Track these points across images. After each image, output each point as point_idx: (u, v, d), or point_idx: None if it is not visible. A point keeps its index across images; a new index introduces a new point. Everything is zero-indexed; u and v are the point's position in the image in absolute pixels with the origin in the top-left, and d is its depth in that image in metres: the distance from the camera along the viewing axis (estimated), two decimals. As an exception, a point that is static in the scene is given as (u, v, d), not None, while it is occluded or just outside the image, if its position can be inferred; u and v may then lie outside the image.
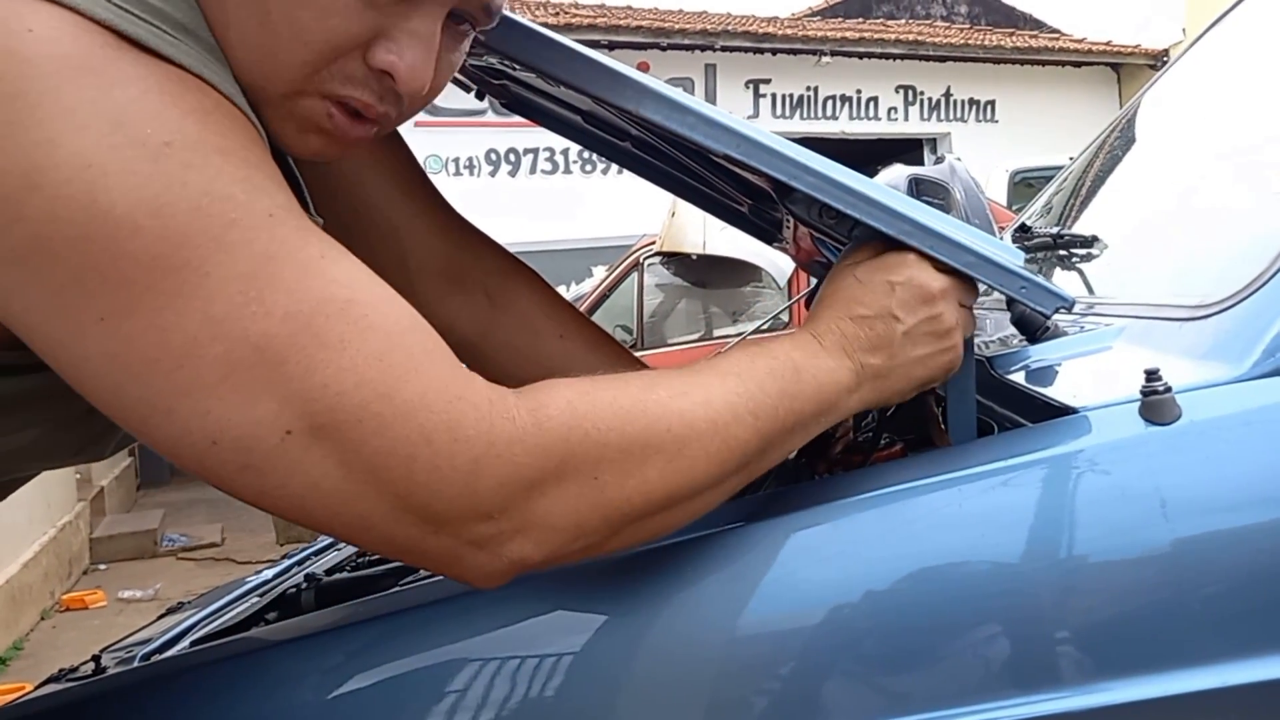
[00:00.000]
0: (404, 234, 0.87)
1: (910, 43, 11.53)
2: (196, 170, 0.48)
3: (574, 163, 10.21)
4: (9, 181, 0.46)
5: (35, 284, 0.48)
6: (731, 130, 0.67)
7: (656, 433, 0.56)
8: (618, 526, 0.57)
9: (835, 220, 0.71)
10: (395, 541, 0.53)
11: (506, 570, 0.55)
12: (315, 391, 0.49)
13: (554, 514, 0.54)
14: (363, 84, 0.59)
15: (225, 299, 0.48)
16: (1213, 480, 0.61)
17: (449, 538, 0.53)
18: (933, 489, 0.64)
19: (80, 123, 0.46)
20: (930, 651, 0.60)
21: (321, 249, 0.52)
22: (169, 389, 0.48)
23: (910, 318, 0.65)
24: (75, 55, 0.47)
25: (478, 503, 0.52)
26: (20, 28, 0.47)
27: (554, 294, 0.95)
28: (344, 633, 0.69)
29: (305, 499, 0.51)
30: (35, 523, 4.57)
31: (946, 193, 3.41)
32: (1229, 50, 1.22)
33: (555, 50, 0.70)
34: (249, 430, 0.49)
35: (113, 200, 0.46)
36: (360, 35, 0.57)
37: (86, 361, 0.49)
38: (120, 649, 1.09)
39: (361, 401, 0.49)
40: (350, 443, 0.50)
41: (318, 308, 0.50)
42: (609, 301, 5.35)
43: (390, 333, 0.51)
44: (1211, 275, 0.75)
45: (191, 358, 0.48)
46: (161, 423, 0.50)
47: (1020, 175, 7.43)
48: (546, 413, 0.54)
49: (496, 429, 0.52)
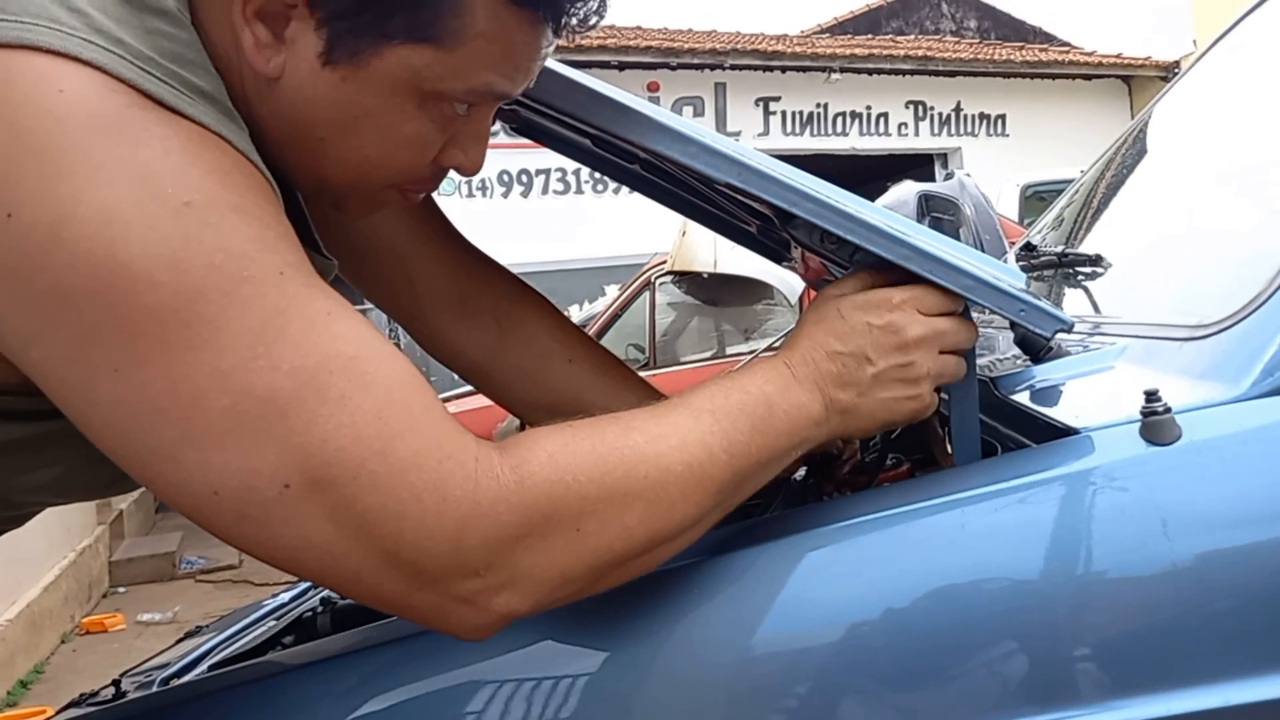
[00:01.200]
0: (414, 262, 0.90)
1: (919, 58, 11.56)
2: (213, 228, 0.50)
3: (585, 183, 10.26)
4: (36, 232, 0.48)
5: (54, 331, 0.50)
6: (732, 159, 0.68)
7: (634, 480, 0.58)
8: (601, 572, 0.58)
9: (837, 245, 0.72)
10: (383, 596, 0.55)
11: (494, 624, 0.57)
12: (315, 446, 0.51)
13: (539, 567, 0.56)
14: (431, 178, 0.66)
15: (234, 353, 0.50)
16: (1212, 500, 0.61)
17: (436, 594, 0.55)
18: (937, 510, 0.65)
19: (106, 179, 0.49)
20: (935, 671, 0.60)
21: (328, 306, 0.54)
22: (176, 438, 0.50)
23: (883, 361, 0.65)
24: (103, 114, 0.50)
25: (464, 560, 0.54)
26: (52, 88, 0.49)
27: (562, 318, 0.96)
28: (359, 657, 0.70)
29: (299, 551, 0.53)
30: (55, 546, 4.61)
31: (956, 208, 3.42)
32: (1237, 63, 1.23)
33: (558, 83, 0.72)
34: (249, 481, 0.51)
35: (132, 254, 0.48)
36: (436, 151, 0.64)
37: (98, 408, 0.51)
38: (140, 673, 1.11)
39: (359, 458, 0.51)
40: (345, 499, 0.51)
41: (322, 363, 0.51)
42: (621, 321, 5.36)
43: (389, 389, 0.53)
44: (1212, 295, 0.76)
45: (199, 409, 0.50)
46: (166, 470, 0.51)
47: (1032, 189, 7.42)
48: (528, 468, 0.55)
49: (482, 488, 0.54)
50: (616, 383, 0.93)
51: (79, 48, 0.50)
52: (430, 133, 0.62)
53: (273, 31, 0.57)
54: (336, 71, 0.58)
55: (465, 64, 0.59)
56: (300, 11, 0.57)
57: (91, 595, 5.17)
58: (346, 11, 0.56)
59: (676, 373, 4.88)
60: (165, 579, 5.54)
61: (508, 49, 0.60)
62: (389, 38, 0.57)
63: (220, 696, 0.78)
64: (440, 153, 0.64)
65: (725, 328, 5.43)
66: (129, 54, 0.52)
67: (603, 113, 0.72)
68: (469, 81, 0.60)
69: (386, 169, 0.63)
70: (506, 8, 0.58)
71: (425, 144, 0.63)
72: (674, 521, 0.59)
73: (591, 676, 0.63)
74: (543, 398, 0.93)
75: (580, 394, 0.92)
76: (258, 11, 0.57)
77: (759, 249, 1.22)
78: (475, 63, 0.59)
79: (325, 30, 0.57)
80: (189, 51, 0.55)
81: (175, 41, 0.55)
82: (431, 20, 0.57)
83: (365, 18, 0.57)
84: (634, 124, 0.70)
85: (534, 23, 0.60)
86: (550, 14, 0.60)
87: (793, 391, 0.65)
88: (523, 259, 8.07)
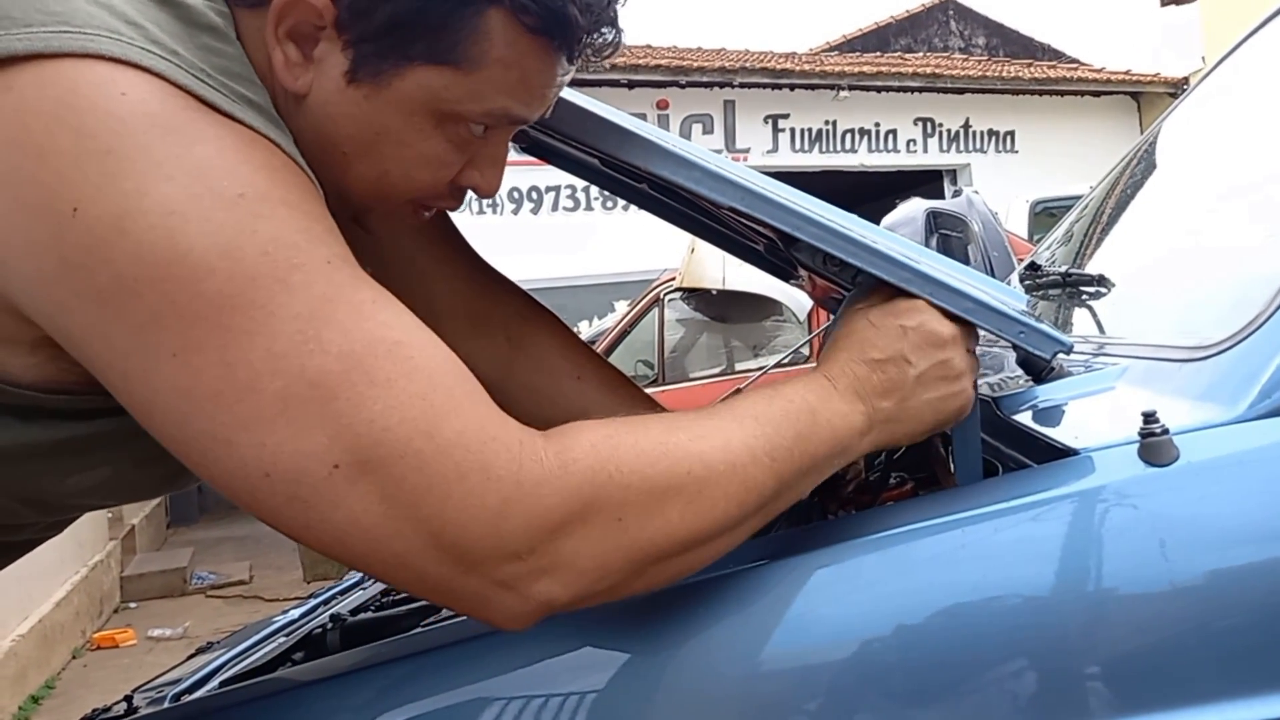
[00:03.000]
0: (432, 278, 0.92)
1: (928, 75, 11.59)
2: (265, 219, 0.53)
3: (594, 200, 10.30)
4: (102, 226, 0.51)
5: (117, 321, 0.52)
6: (736, 184, 0.69)
7: (677, 475, 0.58)
8: (641, 567, 0.58)
9: (839, 267, 0.73)
10: (427, 580, 0.56)
11: (534, 611, 0.57)
12: (362, 427, 0.52)
13: (579, 554, 0.56)
14: (449, 196, 0.68)
15: (286, 337, 0.52)
16: (1210, 520, 0.62)
17: (478, 578, 0.55)
18: (940, 530, 0.65)
19: (166, 174, 0.51)
20: (934, 689, 0.61)
21: (373, 294, 0.56)
22: (231, 421, 0.52)
23: (923, 362, 0.66)
24: (162, 115, 0.52)
25: (506, 542, 0.54)
26: (115, 91, 0.52)
27: (572, 336, 0.98)
28: (369, 673, 0.71)
29: (347, 533, 0.54)
30: (67, 562, 4.63)
31: (965, 225, 3.42)
32: (1244, 80, 1.23)
33: (566, 110, 0.73)
34: (300, 463, 0.52)
35: (191, 244, 0.51)
36: (454, 172, 0.66)
37: (157, 395, 0.53)
38: (151, 689, 1.12)
39: (405, 437, 0.53)
40: (392, 478, 0.53)
41: (369, 347, 0.53)
42: (630, 337, 5.37)
43: (433, 374, 0.55)
44: (1212, 316, 0.77)
45: (253, 391, 0.52)
46: (221, 455, 0.53)
47: (1041, 205, 7.41)
48: (571, 455, 0.56)
49: (525, 470, 0.55)
50: (624, 400, 0.94)
51: (139, 55, 0.53)
52: (448, 153, 0.65)
53: (302, 51, 0.61)
54: (360, 90, 0.61)
55: (483, 87, 0.62)
56: (328, 33, 0.60)
57: (103, 610, 5.18)
58: (372, 34, 0.59)
59: (685, 389, 4.89)
60: (176, 594, 5.56)
61: (524, 75, 0.63)
62: (410, 59, 0.60)
63: (231, 712, 0.79)
64: (459, 174, 0.67)
65: (734, 344, 5.44)
66: (183, 63, 0.55)
67: (609, 138, 0.73)
68: (486, 104, 0.63)
69: (405, 186, 0.66)
70: (523, 35, 0.61)
71: (443, 163, 0.65)
72: (715, 520, 0.60)
73: (600, 693, 0.64)
74: (551, 414, 0.94)
75: (588, 411, 0.93)
76: (289, 32, 0.60)
77: (766, 266, 1.24)
78: (492, 87, 0.62)
79: (351, 51, 0.60)
80: (236, 65, 0.58)
81: (223, 56, 0.58)
82: (452, 45, 0.60)
83: (389, 40, 0.59)
84: (639, 149, 0.72)
85: (549, 51, 0.62)
86: (564, 43, 0.62)
87: (834, 402, 0.65)
88: (533, 275, 8.06)
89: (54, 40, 0.52)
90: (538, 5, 0.59)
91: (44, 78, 0.51)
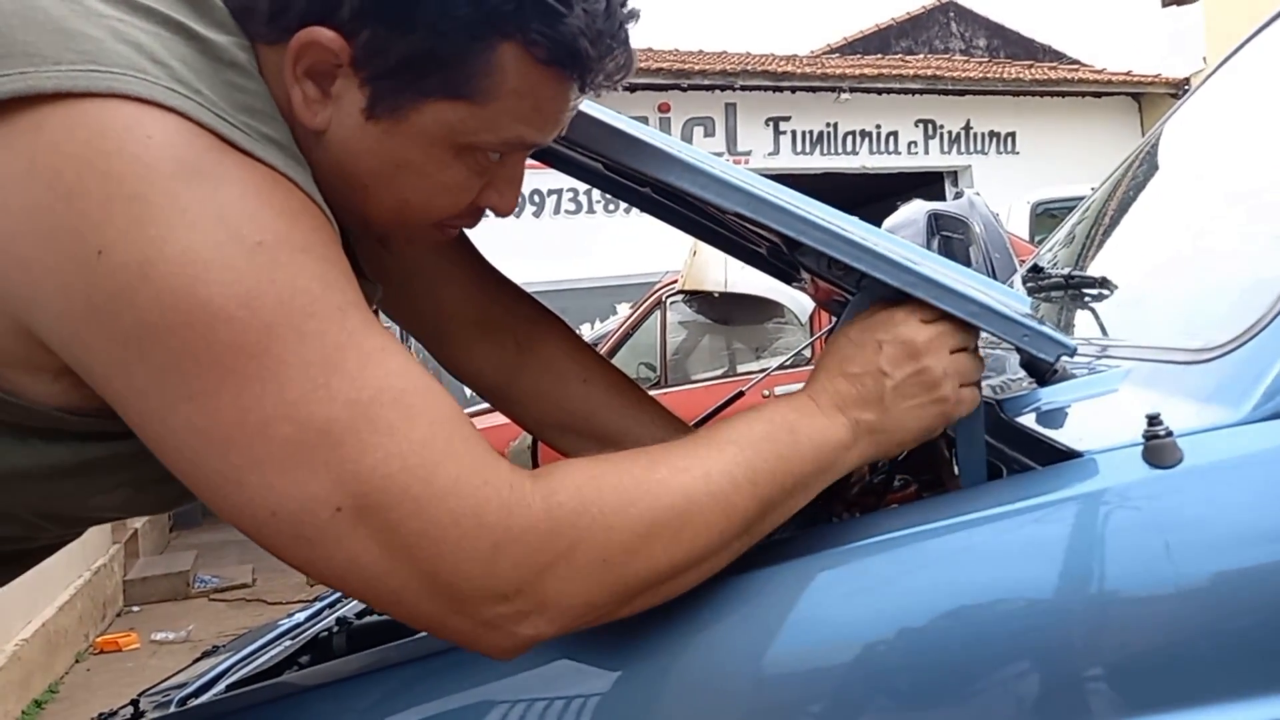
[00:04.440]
0: (442, 286, 0.93)
1: (929, 77, 11.59)
2: (283, 267, 0.54)
3: (597, 203, 10.31)
4: (127, 272, 0.52)
5: (138, 363, 0.53)
6: (741, 189, 0.69)
7: (659, 511, 0.60)
8: (627, 599, 0.61)
9: (844, 272, 0.73)
10: (420, 617, 0.58)
11: (520, 646, 0.59)
12: (365, 473, 0.54)
13: (565, 594, 0.58)
14: (469, 215, 0.70)
15: (298, 384, 0.54)
16: (1214, 522, 0.62)
17: (468, 617, 0.57)
18: (944, 532, 0.66)
19: (189, 221, 0.52)
20: (938, 691, 0.61)
21: (382, 342, 0.57)
22: (242, 463, 0.54)
23: (898, 372, 0.68)
24: (187, 159, 0.54)
25: (495, 583, 0.56)
26: (142, 134, 0.53)
27: (579, 341, 0.99)
28: (375, 677, 0.71)
29: (347, 571, 0.56)
30: (71, 566, 4.63)
31: (966, 227, 3.41)
32: (1245, 81, 1.23)
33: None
34: (305, 505, 0.54)
35: (211, 293, 0.52)
36: (473, 195, 0.67)
37: (173, 434, 0.55)
38: (157, 693, 1.12)
39: (404, 485, 0.54)
40: (390, 522, 0.55)
41: (375, 396, 0.55)
42: (633, 339, 5.37)
43: (433, 421, 0.57)
44: (1215, 318, 0.77)
45: (264, 436, 0.53)
46: (231, 493, 0.55)
47: (1042, 206, 7.40)
48: (557, 499, 0.58)
49: (515, 515, 0.56)
50: (630, 403, 0.95)
51: (164, 95, 0.54)
52: (467, 179, 0.66)
53: (320, 88, 0.62)
54: (379, 125, 0.62)
55: (498, 118, 0.63)
56: (345, 70, 0.61)
57: (106, 614, 5.19)
58: (387, 71, 0.61)
59: (688, 391, 4.89)
60: (179, 598, 5.56)
61: (537, 104, 0.64)
62: (426, 95, 0.61)
63: (237, 716, 0.80)
64: (477, 195, 0.68)
65: (736, 346, 5.44)
66: (206, 102, 0.56)
67: (613, 144, 0.74)
68: (501, 134, 0.64)
69: (426, 212, 0.68)
70: (535, 66, 0.61)
71: (462, 190, 0.67)
72: (698, 550, 0.62)
73: (605, 696, 0.64)
74: (558, 418, 0.95)
75: (595, 414, 0.94)
76: (307, 70, 0.61)
77: (769, 269, 1.24)
78: (507, 117, 0.63)
79: (368, 88, 0.61)
80: (258, 101, 0.59)
81: (246, 93, 0.59)
82: (465, 79, 0.61)
83: (405, 76, 0.61)
84: (643, 155, 0.72)
85: (562, 80, 0.63)
86: (577, 72, 0.63)
87: (815, 418, 0.67)
88: (535, 278, 8.05)
89: (82, 79, 0.53)
90: (547, 38, 0.60)
91: (73, 119, 0.52)
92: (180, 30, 0.58)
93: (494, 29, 0.60)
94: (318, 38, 0.60)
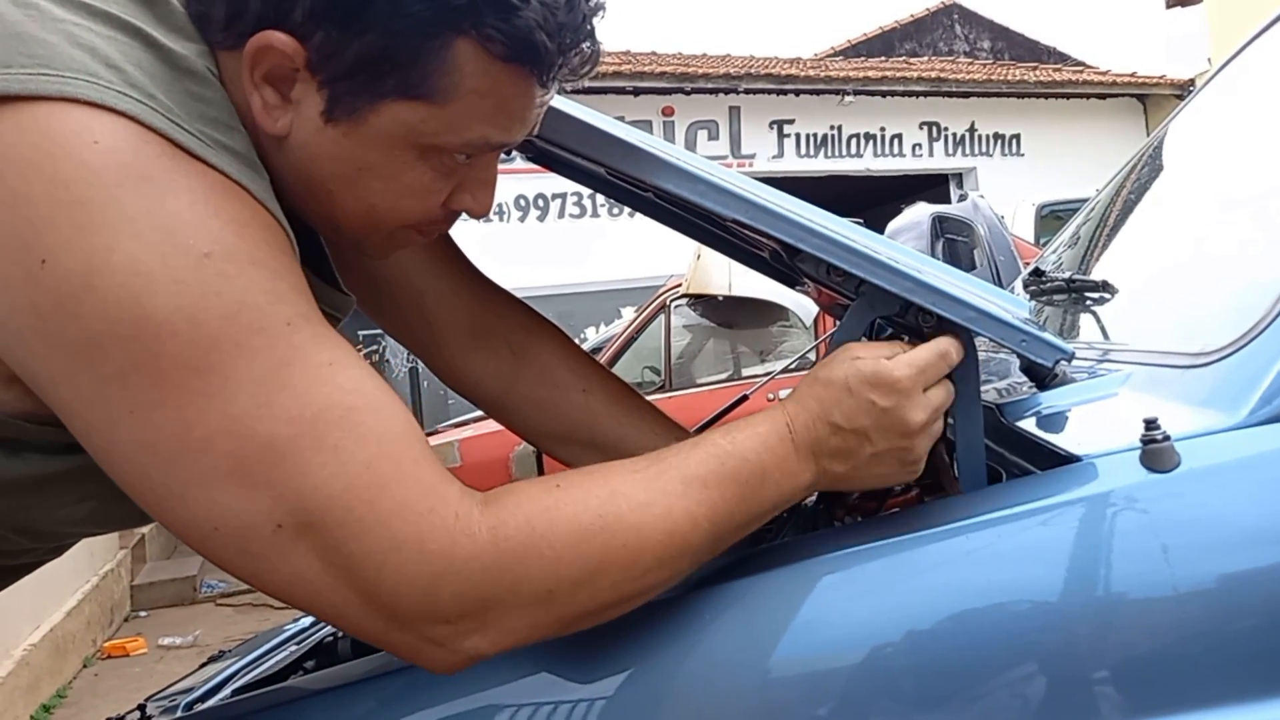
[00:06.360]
0: (430, 295, 0.92)
1: (933, 80, 11.58)
2: (229, 280, 0.54)
3: (600, 206, 10.32)
4: (71, 281, 0.51)
5: (83, 374, 0.53)
6: (740, 197, 0.70)
7: (611, 549, 0.59)
8: (569, 625, 0.61)
9: (843, 278, 0.74)
10: (364, 631, 0.58)
11: (461, 663, 0.60)
12: (307, 491, 0.54)
13: (506, 620, 0.58)
14: (443, 220, 0.69)
15: (241, 400, 0.53)
16: (1211, 525, 0.62)
17: (409, 634, 0.58)
18: (944, 536, 0.66)
19: (135, 231, 0.52)
20: (939, 695, 0.61)
21: (331, 356, 0.56)
22: (185, 477, 0.54)
23: (884, 444, 0.66)
24: (135, 165, 0.53)
25: (436, 609, 0.57)
26: (88, 140, 0.52)
27: (576, 349, 0.98)
28: (380, 681, 0.72)
29: (290, 586, 0.56)
30: (78, 571, 4.65)
31: (970, 230, 3.42)
32: (1249, 83, 1.23)
33: (569, 124, 0.74)
34: (246, 520, 0.54)
35: (156, 305, 0.52)
36: (443, 198, 0.67)
37: (117, 446, 0.54)
38: (164, 698, 1.13)
39: (346, 505, 0.54)
40: (332, 542, 0.54)
41: (320, 414, 0.54)
42: (637, 343, 5.37)
43: (382, 440, 0.56)
44: (1213, 322, 0.77)
45: (207, 452, 0.53)
46: (175, 506, 0.55)
47: (1048, 208, 7.39)
48: (505, 531, 0.57)
49: (458, 545, 0.56)
50: (629, 411, 0.94)
51: (114, 99, 0.53)
52: (433, 181, 0.65)
53: (280, 93, 0.61)
54: (338, 128, 0.62)
55: (459, 118, 0.62)
56: (303, 74, 0.60)
57: (113, 619, 5.20)
58: (343, 72, 0.60)
59: (692, 395, 4.88)
60: (186, 603, 5.57)
61: (500, 102, 0.63)
62: (383, 95, 0.61)
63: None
64: (449, 197, 0.67)
65: (740, 350, 5.43)
66: (159, 107, 0.55)
67: (613, 152, 0.74)
68: (464, 135, 0.63)
69: (394, 216, 0.66)
70: (493, 63, 0.60)
71: (429, 192, 0.66)
72: (646, 585, 0.62)
73: (608, 700, 0.65)
74: (557, 427, 0.94)
75: (594, 423, 0.93)
76: (265, 75, 0.60)
77: (772, 273, 1.24)
78: (469, 117, 0.62)
79: (326, 91, 0.61)
80: (216, 110, 0.59)
81: (204, 101, 0.58)
82: (422, 79, 0.60)
83: (361, 78, 0.60)
84: (642, 163, 0.72)
85: (523, 76, 0.62)
86: (537, 68, 0.62)
87: (789, 462, 0.66)
88: (539, 282, 8.06)
89: (30, 83, 0.52)
90: (503, 33, 0.59)
91: (20, 122, 0.51)
92: (138, 36, 0.57)
93: (448, 25, 0.58)
94: (272, 41, 0.59)
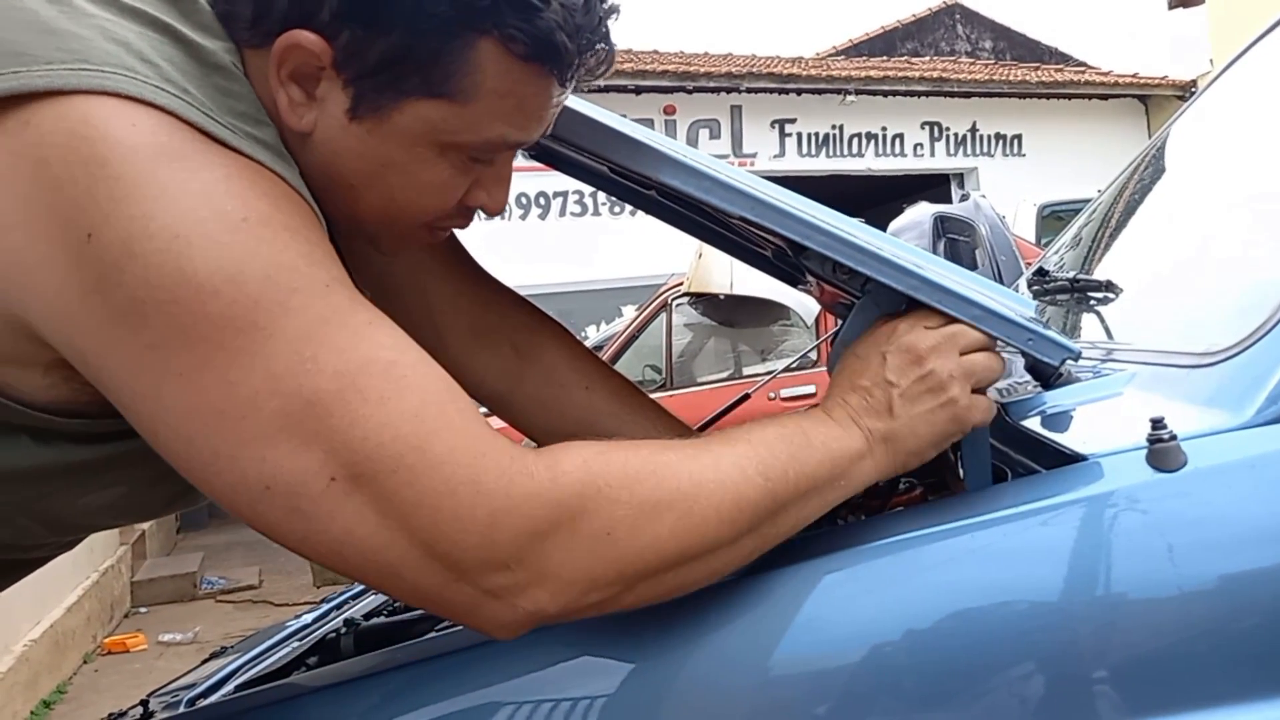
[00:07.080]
0: (434, 294, 0.92)
1: (935, 79, 11.58)
2: (267, 243, 0.55)
3: (602, 205, 10.32)
4: (113, 250, 0.52)
5: (128, 341, 0.54)
6: (746, 194, 0.70)
7: (666, 490, 0.60)
8: (631, 581, 0.60)
9: (848, 276, 0.74)
10: (420, 589, 0.58)
11: (523, 621, 0.58)
12: (356, 443, 0.54)
13: (567, 566, 0.57)
14: (458, 216, 0.70)
15: (285, 357, 0.54)
16: (1217, 525, 0.62)
17: (469, 586, 0.57)
18: (949, 535, 0.66)
19: (171, 199, 0.53)
20: (943, 693, 0.61)
21: (369, 316, 0.58)
22: (234, 438, 0.54)
23: (903, 380, 0.68)
24: (169, 145, 0.54)
25: (495, 553, 0.56)
26: (126, 123, 0.54)
27: (580, 347, 0.98)
28: (383, 678, 0.72)
29: (343, 544, 0.56)
30: (78, 567, 4.65)
31: (972, 230, 3.43)
32: (1252, 84, 1.23)
33: (575, 120, 0.74)
34: (298, 477, 0.54)
35: (196, 267, 0.53)
36: (461, 194, 0.68)
37: (164, 413, 0.55)
38: (167, 693, 1.13)
39: (397, 454, 0.54)
40: (385, 491, 0.55)
41: (363, 367, 0.55)
42: (638, 342, 5.38)
43: (426, 392, 0.57)
44: (1219, 322, 0.77)
45: (254, 409, 0.54)
46: (224, 469, 0.55)
47: (1049, 209, 7.40)
48: (561, 469, 0.58)
49: (515, 484, 0.56)
50: (633, 409, 0.95)
51: (151, 93, 0.55)
52: (453, 178, 0.67)
53: (305, 91, 0.62)
54: (362, 125, 0.63)
55: (479, 117, 0.63)
56: (328, 72, 0.62)
57: (113, 615, 5.20)
58: (368, 71, 0.61)
59: (694, 393, 4.89)
60: (186, 599, 5.57)
61: (519, 102, 0.64)
62: (407, 94, 0.62)
63: (246, 717, 0.80)
64: (466, 194, 0.68)
65: (742, 348, 5.44)
66: (193, 101, 0.57)
67: (618, 148, 0.74)
68: (484, 133, 0.64)
69: (414, 212, 0.68)
70: (515, 63, 0.62)
71: (448, 189, 0.67)
72: (706, 537, 0.61)
73: (610, 697, 0.65)
74: (561, 425, 0.94)
75: (598, 421, 0.93)
76: (291, 74, 0.62)
77: (774, 272, 1.24)
78: (489, 115, 0.64)
79: (351, 89, 0.62)
80: (244, 104, 0.60)
81: (233, 95, 0.60)
82: (445, 78, 0.61)
83: (384, 77, 0.61)
84: (648, 159, 0.72)
85: (542, 76, 0.63)
86: (556, 68, 0.63)
87: (827, 425, 0.67)
88: (541, 280, 8.06)
89: (71, 78, 0.54)
90: (525, 34, 0.60)
91: (60, 112, 0.53)
92: (168, 32, 0.59)
93: (471, 25, 0.60)
94: (299, 40, 0.60)
